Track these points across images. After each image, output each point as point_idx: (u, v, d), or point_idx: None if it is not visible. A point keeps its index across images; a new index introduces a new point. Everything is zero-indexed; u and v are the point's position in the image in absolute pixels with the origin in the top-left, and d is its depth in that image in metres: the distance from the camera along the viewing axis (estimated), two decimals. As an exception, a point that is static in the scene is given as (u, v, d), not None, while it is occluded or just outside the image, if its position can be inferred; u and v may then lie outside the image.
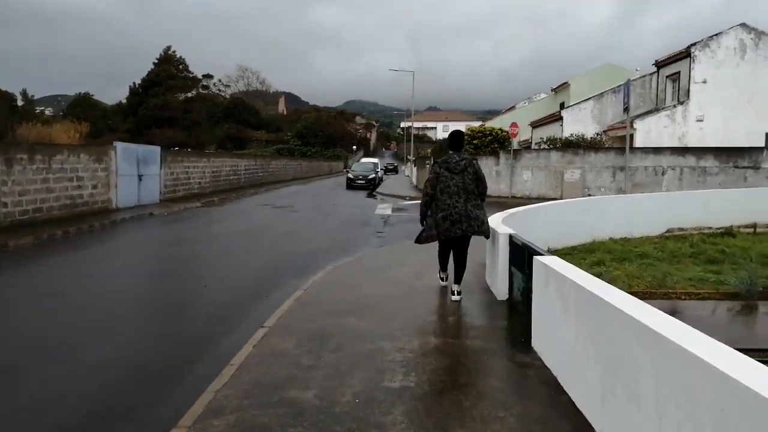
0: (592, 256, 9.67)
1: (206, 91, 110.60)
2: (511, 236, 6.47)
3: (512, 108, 57.55)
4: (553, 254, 5.26)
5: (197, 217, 16.98)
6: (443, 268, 7.35)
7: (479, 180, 6.73)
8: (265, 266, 9.26)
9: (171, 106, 39.76)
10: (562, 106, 38.60)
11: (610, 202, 11.83)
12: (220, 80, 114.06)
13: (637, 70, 38.38)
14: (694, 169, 21.58)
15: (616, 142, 25.88)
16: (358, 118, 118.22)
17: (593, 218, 11.37)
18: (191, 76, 43.91)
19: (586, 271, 4.38)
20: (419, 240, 6.99)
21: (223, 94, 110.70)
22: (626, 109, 11.85)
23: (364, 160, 45.81)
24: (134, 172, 18.83)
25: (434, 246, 7.24)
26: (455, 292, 6.78)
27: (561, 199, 22.81)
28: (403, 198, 25.91)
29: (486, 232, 6.76)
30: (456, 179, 6.54)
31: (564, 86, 39.97)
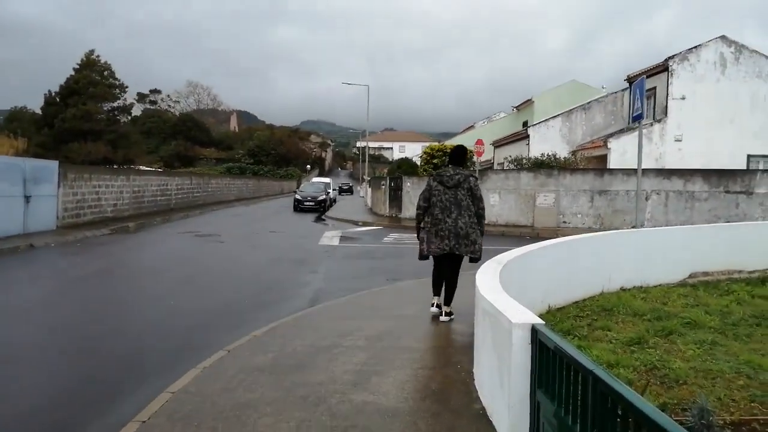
0: (614, 321, 6.70)
1: (154, 107, 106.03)
2: (536, 330, 3.34)
3: (471, 127, 55.45)
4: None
5: (88, 249, 13.37)
6: (436, 292, 6.84)
7: (475, 198, 6.50)
8: (110, 353, 5.90)
9: (93, 117, 35.55)
10: (524, 124, 36.38)
11: (620, 241, 8.94)
12: (168, 96, 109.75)
13: (603, 87, 36.62)
14: (680, 193, 19.20)
15: (591, 163, 23.49)
16: (313, 137, 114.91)
17: (601, 261, 8.45)
18: (118, 83, 39.65)
19: (625, 354, 3.80)
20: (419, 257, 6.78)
21: (171, 110, 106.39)
22: (638, 117, 8.97)
23: (315, 179, 42.57)
24: (18, 192, 15.07)
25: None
26: (444, 313, 6.61)
27: (532, 225, 20.10)
28: (356, 223, 22.74)
29: (476, 254, 6.48)
30: (449, 194, 6.36)
31: (527, 104, 37.83)
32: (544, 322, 3.36)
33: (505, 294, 4.23)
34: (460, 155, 6.74)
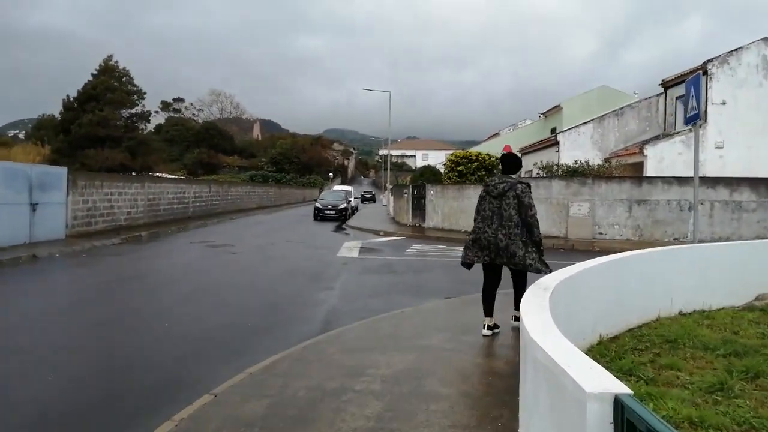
0: (682, 357, 5.59)
1: (178, 115, 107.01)
2: (621, 404, 2.29)
3: (496, 135, 54.16)
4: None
5: (93, 261, 12.61)
6: (487, 311, 6.32)
7: (522, 206, 6.04)
8: (74, 396, 4.98)
9: (110, 123, 35.20)
10: (552, 131, 35.13)
11: (676, 258, 7.80)
12: (192, 104, 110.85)
13: (635, 93, 35.18)
14: (727, 203, 17.83)
15: (625, 171, 22.20)
16: (335, 145, 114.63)
17: (656, 281, 7.33)
18: (136, 89, 39.32)
19: (708, 406, 3.15)
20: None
21: (195, 118, 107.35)
22: (694, 118, 7.85)
23: (336, 187, 41.80)
24: (23, 200, 14.45)
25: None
26: (514, 318, 6.51)
27: (566, 237, 18.89)
28: (377, 233, 21.77)
29: (520, 265, 6.10)
30: (493, 203, 6.09)
31: (555, 110, 36.54)
32: (631, 392, 2.31)
33: (565, 340, 3.19)
34: (509, 162, 6.40)
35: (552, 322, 3.59)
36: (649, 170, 22.77)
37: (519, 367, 3.87)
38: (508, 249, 5.94)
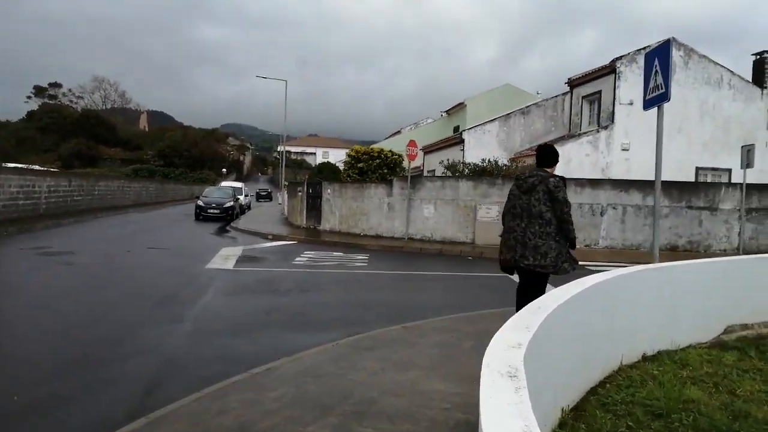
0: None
1: (54, 102, 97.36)
2: None
3: (397, 132, 52.71)
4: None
5: None
6: None
7: (555, 201, 5.46)
8: None
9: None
10: (455, 130, 33.90)
11: (642, 283, 5.93)
12: (71, 90, 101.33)
13: (538, 93, 34.73)
14: (639, 208, 16.84)
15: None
16: (231, 139, 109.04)
17: (615, 318, 5.39)
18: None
19: None
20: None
21: (74, 106, 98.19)
22: (659, 99, 6.03)
23: (223, 183, 38.22)
24: None
25: None
26: None
27: (473, 243, 17.19)
28: (265, 237, 19.05)
29: (546, 269, 5.43)
30: (522, 199, 5.57)
31: (459, 107, 35.37)
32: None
33: None
34: (543, 155, 5.88)
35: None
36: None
37: None
38: (537, 248, 5.42)
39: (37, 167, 35.54)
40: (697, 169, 22.32)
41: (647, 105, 6.87)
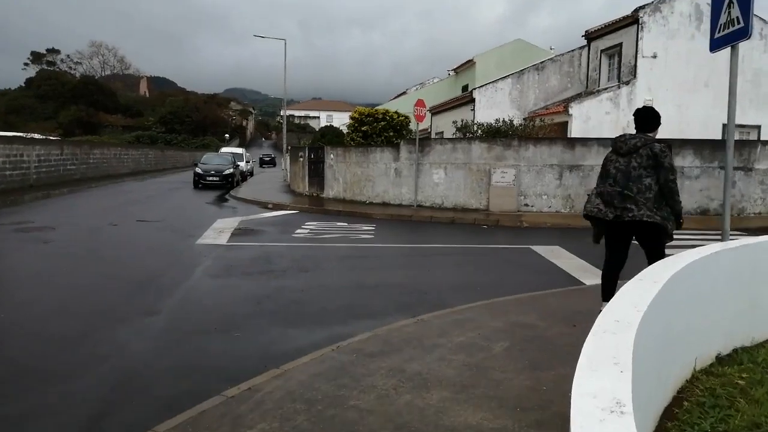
0: None
1: (52, 68, 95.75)
2: None
3: (403, 93, 50.91)
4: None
5: None
6: (605, 295, 5.02)
7: (660, 168, 4.82)
8: None
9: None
10: (464, 89, 32.35)
11: (710, 265, 4.79)
12: (68, 56, 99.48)
13: (551, 48, 32.96)
14: (681, 171, 15.54)
15: (549, 131, 19.59)
16: (233, 104, 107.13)
17: (690, 310, 4.25)
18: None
19: None
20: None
21: (73, 72, 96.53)
22: (737, 35, 4.72)
23: (224, 149, 37.01)
24: None
25: None
26: None
27: (487, 209, 16.03)
28: (265, 206, 17.93)
29: (656, 220, 4.72)
30: (620, 162, 4.95)
31: (468, 65, 33.71)
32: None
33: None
34: (644, 118, 5.23)
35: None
36: (575, 131, 20.37)
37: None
38: (638, 203, 4.78)
39: (36, 135, 34.44)
40: (724, 125, 20.81)
41: (716, 45, 5.61)
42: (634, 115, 5.42)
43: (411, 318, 5.57)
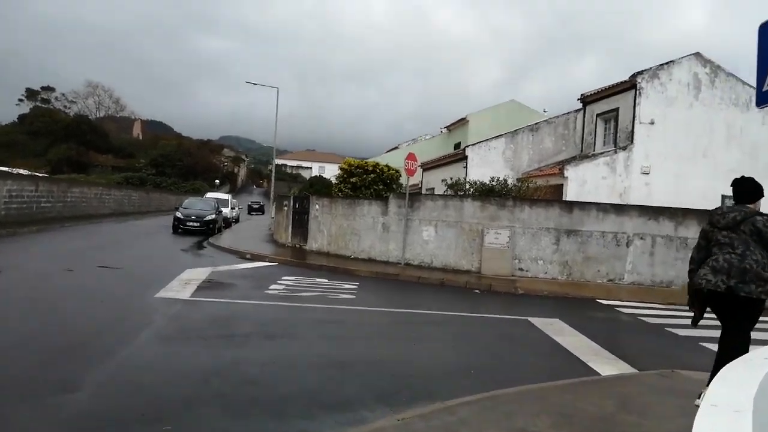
0: None
1: (46, 105, 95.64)
2: None
3: (395, 148, 50.61)
4: None
5: None
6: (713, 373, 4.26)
7: (766, 244, 4.45)
8: None
9: None
10: (456, 146, 31.92)
11: None
12: (63, 95, 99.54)
13: (545, 110, 32.81)
14: (671, 240, 14.72)
15: (543, 194, 18.86)
16: (226, 151, 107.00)
17: None
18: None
19: None
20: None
21: (67, 110, 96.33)
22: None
23: (209, 194, 36.06)
24: None
25: None
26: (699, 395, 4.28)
27: (479, 272, 15.03)
28: (243, 256, 16.83)
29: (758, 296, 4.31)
30: (723, 234, 4.62)
31: (461, 123, 33.44)
32: None
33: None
34: (745, 190, 4.75)
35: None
36: (570, 194, 19.68)
37: None
38: (761, 276, 4.28)
39: (23, 171, 33.42)
40: (723, 197, 20.26)
41: (764, 99, 4.76)
42: (732, 184, 4.93)
43: (391, 414, 4.49)
